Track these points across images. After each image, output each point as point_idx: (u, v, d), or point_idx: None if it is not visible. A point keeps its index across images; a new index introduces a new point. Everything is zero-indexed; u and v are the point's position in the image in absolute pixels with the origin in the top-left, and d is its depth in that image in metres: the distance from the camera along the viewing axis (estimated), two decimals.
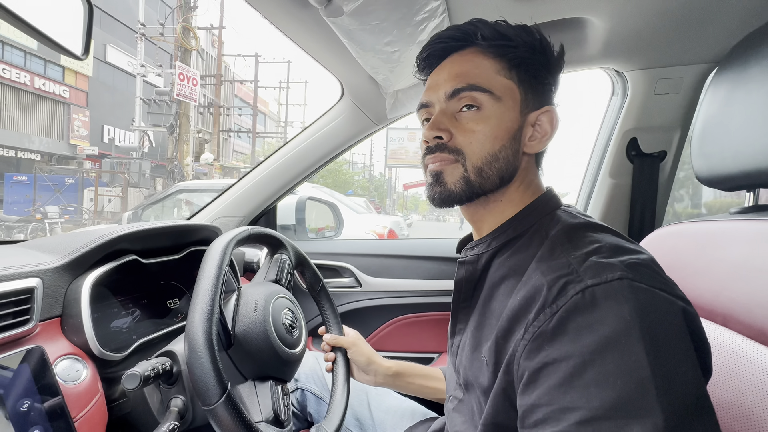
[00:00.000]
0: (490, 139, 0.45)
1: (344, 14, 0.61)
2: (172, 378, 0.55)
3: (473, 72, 0.46)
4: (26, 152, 14.57)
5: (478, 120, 0.45)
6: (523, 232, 0.45)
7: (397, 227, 5.29)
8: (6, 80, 13.37)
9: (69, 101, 15.24)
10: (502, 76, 0.46)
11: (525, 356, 0.35)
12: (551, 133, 0.47)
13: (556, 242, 0.40)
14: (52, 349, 0.52)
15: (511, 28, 0.47)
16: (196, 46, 10.38)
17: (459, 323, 0.50)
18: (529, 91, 0.46)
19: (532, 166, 0.48)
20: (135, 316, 0.67)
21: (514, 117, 0.46)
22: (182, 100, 9.94)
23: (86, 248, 0.61)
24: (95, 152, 14.81)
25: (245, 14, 16.31)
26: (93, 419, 0.53)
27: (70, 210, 10.07)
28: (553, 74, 0.48)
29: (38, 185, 10.55)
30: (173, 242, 0.79)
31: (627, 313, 0.31)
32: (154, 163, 12.33)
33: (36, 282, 0.54)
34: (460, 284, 0.50)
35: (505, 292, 0.42)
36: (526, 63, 0.46)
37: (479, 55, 0.47)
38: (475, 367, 0.44)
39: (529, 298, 0.37)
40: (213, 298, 0.46)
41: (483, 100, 0.45)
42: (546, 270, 0.37)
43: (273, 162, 1.13)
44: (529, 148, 0.47)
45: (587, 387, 0.31)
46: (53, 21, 0.45)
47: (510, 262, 0.44)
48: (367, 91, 0.96)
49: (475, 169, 0.45)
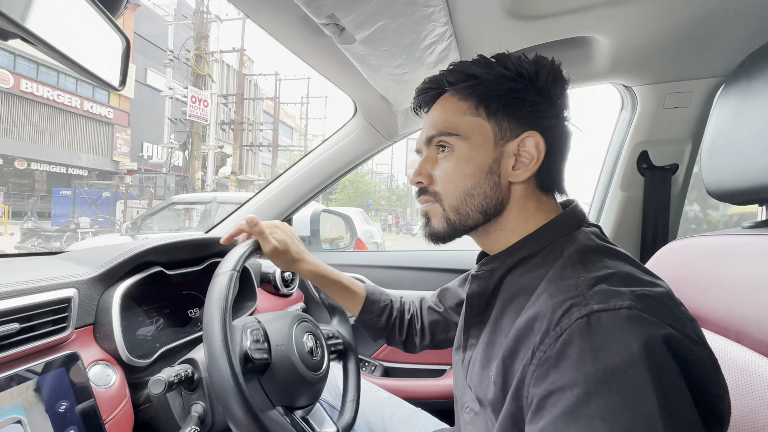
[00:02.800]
0: (461, 177, 0.46)
1: (356, 42, 0.65)
2: (193, 384, 0.57)
3: (441, 117, 0.48)
4: (75, 168, 15.83)
5: (449, 161, 0.47)
6: (538, 250, 0.44)
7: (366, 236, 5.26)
8: (60, 104, 14.69)
9: (113, 121, 16.54)
10: (468, 115, 0.47)
11: (533, 383, 0.34)
12: (539, 156, 0.45)
13: (568, 263, 0.39)
14: (86, 354, 0.56)
15: (480, 65, 0.47)
16: (208, 71, 11.25)
17: (471, 338, 0.50)
18: (505, 121, 0.46)
19: (533, 192, 0.47)
20: (158, 324, 0.72)
21: (486, 152, 0.46)
22: (194, 120, 10.63)
23: (117, 260, 0.65)
24: (135, 167, 15.86)
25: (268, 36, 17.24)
26: (121, 422, 0.56)
27: (100, 221, 10.85)
28: (540, 96, 0.46)
29: (78, 198, 11.50)
30: (195, 254, 0.84)
31: (634, 344, 0.30)
32: (179, 176, 13.08)
33: (73, 292, 0.58)
34: (472, 299, 0.50)
35: (515, 310, 0.42)
36: (494, 95, 0.46)
37: (449, 99, 0.49)
38: (483, 384, 0.43)
39: (534, 318, 0.36)
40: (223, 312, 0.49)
41: (452, 142, 0.47)
42: (554, 291, 0.36)
43: (290, 176, 1.18)
44: (516, 177, 0.46)
45: (592, 419, 0.29)
46: (92, 55, 0.48)
47: (522, 280, 0.44)
48: (378, 108, 1.00)
49: (451, 208, 0.47)
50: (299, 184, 1.18)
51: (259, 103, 18.39)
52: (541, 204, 0.47)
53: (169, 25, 12.87)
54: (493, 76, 0.46)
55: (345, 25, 0.61)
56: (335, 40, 0.66)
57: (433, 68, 0.78)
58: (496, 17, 0.69)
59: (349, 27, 0.62)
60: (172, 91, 11.45)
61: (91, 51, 0.48)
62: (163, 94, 11.66)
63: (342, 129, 1.14)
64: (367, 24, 0.62)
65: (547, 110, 0.46)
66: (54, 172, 15.42)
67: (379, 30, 0.63)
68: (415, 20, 0.63)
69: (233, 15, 13.18)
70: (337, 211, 1.84)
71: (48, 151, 14.85)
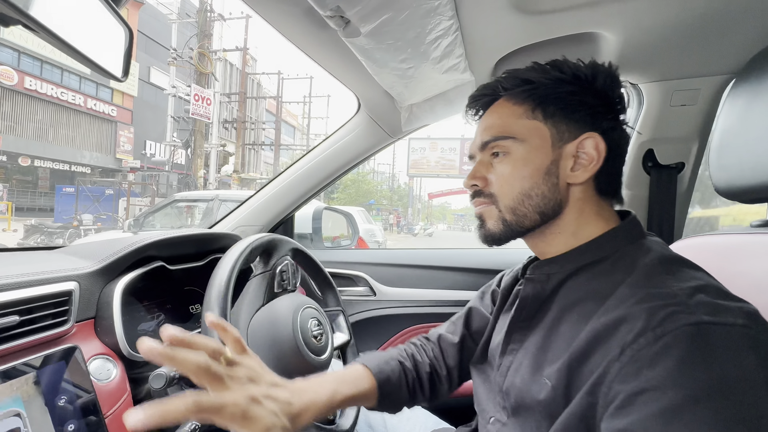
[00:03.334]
0: (518, 179, 0.47)
1: (361, 35, 0.65)
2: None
3: (496, 123, 0.49)
4: (78, 166, 15.90)
5: (505, 164, 0.48)
6: (604, 257, 0.45)
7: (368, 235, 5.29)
8: (64, 102, 14.76)
9: (116, 119, 16.60)
10: (525, 119, 0.48)
11: (620, 379, 0.34)
12: (599, 158, 0.46)
13: (653, 271, 0.40)
14: (86, 348, 0.56)
15: (535, 70, 0.48)
16: (211, 69, 11.28)
17: (512, 343, 0.49)
18: (562, 123, 0.47)
19: (591, 195, 0.47)
20: (159, 319, 0.72)
21: (543, 154, 0.47)
22: (197, 119, 10.65)
23: (119, 254, 0.65)
24: (138, 165, 15.94)
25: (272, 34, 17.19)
26: (121, 417, 0.55)
27: (103, 218, 10.92)
28: (598, 98, 0.47)
29: (81, 195, 11.51)
30: (197, 250, 0.83)
31: (751, 362, 0.31)
32: (181, 174, 13.16)
33: (73, 285, 0.58)
34: (525, 301, 0.49)
35: (579, 315, 0.41)
36: (551, 98, 0.47)
37: (504, 105, 0.50)
38: (534, 390, 0.42)
39: (620, 320, 0.36)
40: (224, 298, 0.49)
41: (508, 146, 0.48)
42: (645, 297, 0.37)
43: (292, 173, 1.18)
44: (575, 178, 0.46)
45: (697, 423, 0.30)
46: (95, 45, 0.47)
47: (588, 286, 0.43)
48: (382, 105, 1.00)
49: (508, 209, 0.48)
50: (302, 182, 1.17)
51: (261, 102, 18.45)
52: (601, 209, 0.48)
53: (172, 24, 12.91)
54: (549, 80, 0.47)
55: (350, 17, 0.61)
56: (340, 33, 0.65)
57: (438, 63, 0.78)
58: (503, 11, 0.68)
59: (354, 20, 0.61)
60: (176, 90, 11.51)
61: (94, 40, 0.48)
62: (166, 92, 11.72)
63: (345, 126, 1.13)
64: (373, 16, 0.61)
65: (605, 113, 0.47)
66: (57, 169, 15.49)
67: (385, 23, 0.63)
68: (421, 13, 0.63)
69: (236, 14, 13.23)
70: (339, 209, 1.84)
71: (51, 148, 14.91)
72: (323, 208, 1.49)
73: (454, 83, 0.87)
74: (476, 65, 0.83)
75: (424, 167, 23.17)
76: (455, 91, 0.89)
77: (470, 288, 1.19)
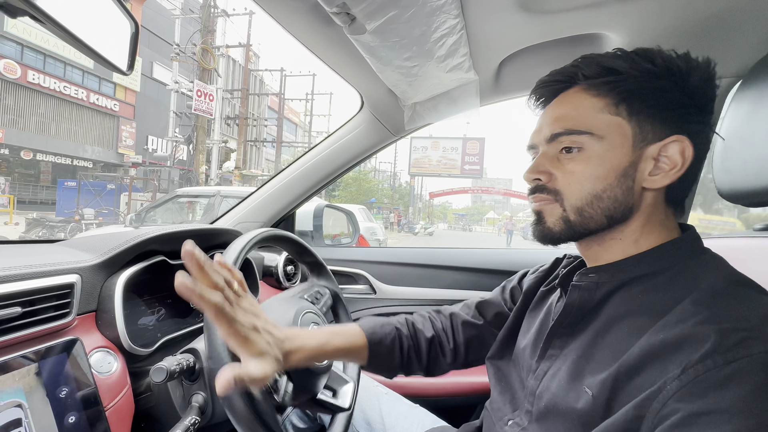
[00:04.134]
0: (591, 179, 0.43)
1: (366, 32, 0.65)
2: (194, 375, 0.58)
3: (571, 114, 0.45)
4: (80, 160, 15.93)
5: (578, 161, 0.44)
6: (660, 270, 0.42)
7: (368, 233, 5.30)
8: (66, 96, 14.78)
9: (118, 114, 16.63)
10: (606, 113, 0.43)
11: (679, 397, 0.33)
12: (683, 164, 0.42)
13: (720, 292, 0.38)
14: (87, 341, 0.55)
15: (622, 59, 0.44)
16: (214, 65, 11.28)
17: (552, 348, 0.48)
18: (647, 122, 0.43)
19: (661, 203, 0.45)
20: (160, 314, 0.72)
21: (622, 153, 0.43)
22: (199, 114, 10.64)
23: (121, 248, 0.65)
24: (139, 160, 15.94)
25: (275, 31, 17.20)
26: (121, 410, 0.56)
27: (105, 213, 10.93)
28: (689, 97, 0.42)
29: (83, 190, 11.55)
30: (198, 245, 0.84)
31: None
32: (183, 170, 13.17)
33: (75, 278, 0.57)
34: (570, 309, 0.47)
35: (630, 328, 0.40)
36: (639, 93, 0.43)
37: (581, 95, 0.45)
38: (571, 397, 0.41)
39: (683, 339, 0.35)
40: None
41: (583, 141, 0.44)
42: (712, 318, 0.35)
43: (294, 170, 1.17)
44: (653, 183, 0.43)
45: None
46: (102, 38, 0.47)
47: (642, 299, 0.42)
48: (385, 103, 0.99)
49: (574, 209, 0.44)
50: (303, 179, 1.17)
51: (263, 99, 18.44)
52: (667, 218, 0.45)
53: (176, 19, 12.90)
54: (638, 72, 0.43)
55: (356, 14, 0.61)
56: (345, 31, 0.65)
57: (443, 62, 0.78)
58: (508, 11, 0.68)
59: (360, 16, 0.61)
60: (178, 85, 11.49)
61: (100, 33, 0.48)
62: (168, 87, 11.71)
63: (348, 123, 1.13)
64: (379, 13, 0.61)
65: (694, 114, 0.43)
66: (59, 163, 15.53)
67: (390, 20, 0.63)
68: (427, 11, 0.62)
69: (240, 10, 13.21)
70: (340, 207, 1.84)
71: (54, 142, 14.95)
72: (324, 205, 1.49)
73: (458, 82, 0.87)
74: (480, 64, 0.83)
75: (425, 166, 23.17)
76: (459, 90, 0.89)
77: (471, 287, 1.19)
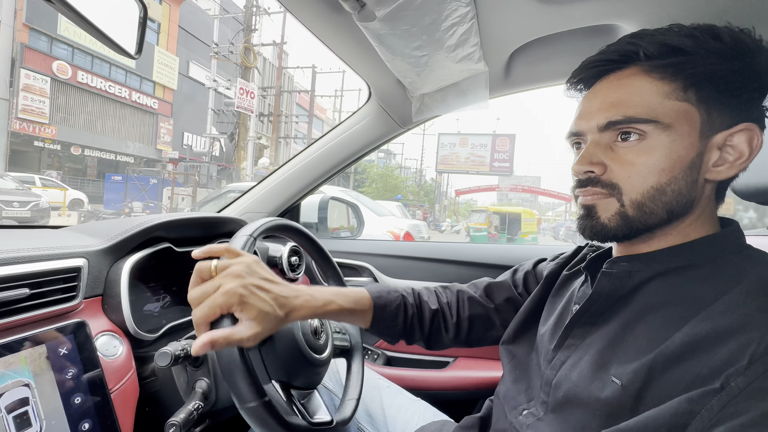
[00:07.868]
0: (655, 171, 0.39)
1: (376, 19, 0.64)
2: (198, 360, 0.59)
3: (632, 100, 0.40)
4: (123, 156, 17.01)
5: (639, 152, 0.40)
6: (701, 263, 0.40)
7: (415, 230, 5.30)
8: (111, 95, 15.80)
9: (157, 111, 17.57)
10: (672, 99, 0.39)
11: (748, 394, 0.32)
12: (751, 153, 0.39)
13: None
14: (93, 324, 0.57)
15: (688, 37, 0.39)
16: (255, 64, 11.55)
17: (572, 338, 0.45)
18: (715, 109, 0.39)
19: (714, 195, 0.42)
20: (165, 301, 0.74)
21: (690, 144, 0.39)
22: (242, 112, 10.95)
23: (127, 233, 0.66)
24: (176, 156, 16.81)
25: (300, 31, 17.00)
26: (126, 393, 0.57)
27: (151, 206, 11.52)
28: (758, 81, 0.39)
29: (129, 184, 12.23)
30: (204, 233, 0.84)
31: None
32: (221, 166, 13.68)
33: (82, 262, 0.58)
34: (597, 296, 0.44)
35: (667, 319, 0.38)
36: (710, 77, 0.38)
37: (642, 77, 0.40)
38: (595, 387, 0.39)
39: (738, 327, 0.34)
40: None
41: (647, 131, 0.39)
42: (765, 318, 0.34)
43: (300, 161, 1.17)
44: (714, 175, 0.40)
45: None
46: (110, 20, 0.47)
47: (680, 290, 0.40)
48: (393, 94, 0.98)
49: (634, 204, 0.40)
50: (309, 170, 1.17)
51: (293, 96, 18.83)
52: (714, 212, 0.43)
53: (215, 19, 13.39)
54: (708, 52, 0.38)
55: (366, 0, 0.60)
56: (355, 17, 0.65)
57: (452, 52, 0.75)
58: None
59: (370, 2, 0.61)
60: (216, 83, 11.95)
61: (109, 16, 0.48)
62: (207, 86, 12.21)
63: (354, 115, 1.12)
64: (389, 0, 0.60)
65: (759, 99, 0.40)
66: (104, 158, 16.65)
67: (401, 7, 0.62)
68: None
69: (275, 8, 13.48)
70: (345, 200, 1.82)
71: (99, 138, 16.03)
72: (330, 197, 1.48)
73: (467, 73, 0.83)
74: (491, 55, 0.79)
75: (453, 163, 22.83)
76: (468, 81, 0.86)
77: None
